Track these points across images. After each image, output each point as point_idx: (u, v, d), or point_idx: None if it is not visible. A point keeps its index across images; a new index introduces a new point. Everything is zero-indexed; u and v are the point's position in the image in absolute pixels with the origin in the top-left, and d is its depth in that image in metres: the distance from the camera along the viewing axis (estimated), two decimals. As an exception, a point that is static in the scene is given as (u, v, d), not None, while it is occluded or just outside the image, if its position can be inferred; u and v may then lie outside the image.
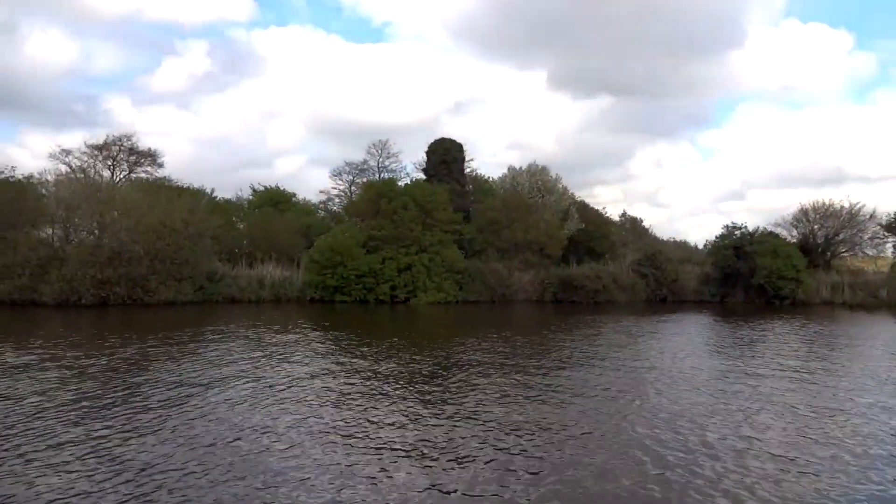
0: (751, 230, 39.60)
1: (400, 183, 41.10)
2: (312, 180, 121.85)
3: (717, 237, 40.43)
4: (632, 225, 46.14)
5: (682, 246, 47.30)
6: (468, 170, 46.31)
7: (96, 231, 31.08)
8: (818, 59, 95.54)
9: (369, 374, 12.57)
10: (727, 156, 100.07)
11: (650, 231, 46.96)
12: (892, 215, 47.32)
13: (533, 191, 43.83)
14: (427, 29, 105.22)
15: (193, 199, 36.31)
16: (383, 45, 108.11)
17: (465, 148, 44.95)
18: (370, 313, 29.35)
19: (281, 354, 15.00)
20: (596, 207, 49.32)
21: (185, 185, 41.30)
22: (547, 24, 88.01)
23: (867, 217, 42.88)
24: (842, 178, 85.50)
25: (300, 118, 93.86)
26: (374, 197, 37.20)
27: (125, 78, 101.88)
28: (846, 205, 43.18)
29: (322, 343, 17.85)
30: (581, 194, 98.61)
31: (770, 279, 37.64)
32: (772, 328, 24.02)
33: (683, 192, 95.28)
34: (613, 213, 66.48)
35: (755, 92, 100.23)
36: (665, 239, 50.14)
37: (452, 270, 35.61)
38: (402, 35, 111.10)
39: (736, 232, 39.58)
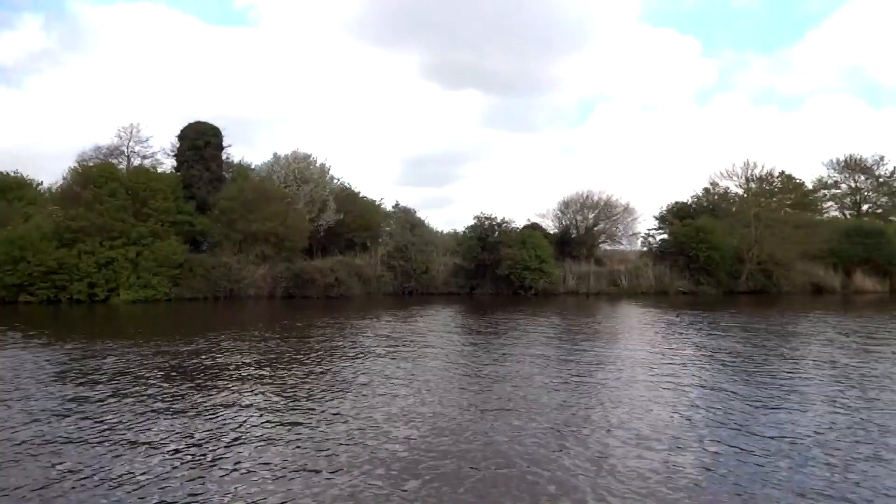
0: (499, 220, 39.11)
1: (120, 167, 37.22)
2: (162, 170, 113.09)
3: (466, 228, 39.76)
4: (404, 216, 44.74)
5: (455, 237, 46.51)
6: (227, 156, 43.12)
7: None
8: (668, 63, 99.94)
9: None
10: (585, 153, 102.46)
11: (426, 222, 45.81)
12: (664, 208, 49.37)
13: (289, 179, 41.42)
14: (293, 13, 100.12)
15: None
16: (246, 29, 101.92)
17: (222, 132, 41.73)
18: (57, 315, 25.74)
19: None
20: (372, 198, 48.04)
21: None
22: (416, 14, 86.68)
23: (621, 209, 43.92)
24: (686, 177, 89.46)
25: (152, 103, 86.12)
26: (82, 183, 33.29)
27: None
28: (604, 197, 44.10)
29: None
30: (448, 186, 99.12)
31: (515, 270, 37.38)
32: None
33: (543, 187, 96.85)
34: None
35: (611, 93, 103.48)
36: (444, 231, 49.30)
37: (168, 265, 32.40)
38: (266, 19, 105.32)
39: (486, 222, 39.00)
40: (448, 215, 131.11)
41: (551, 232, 43.77)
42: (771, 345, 17.59)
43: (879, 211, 52.32)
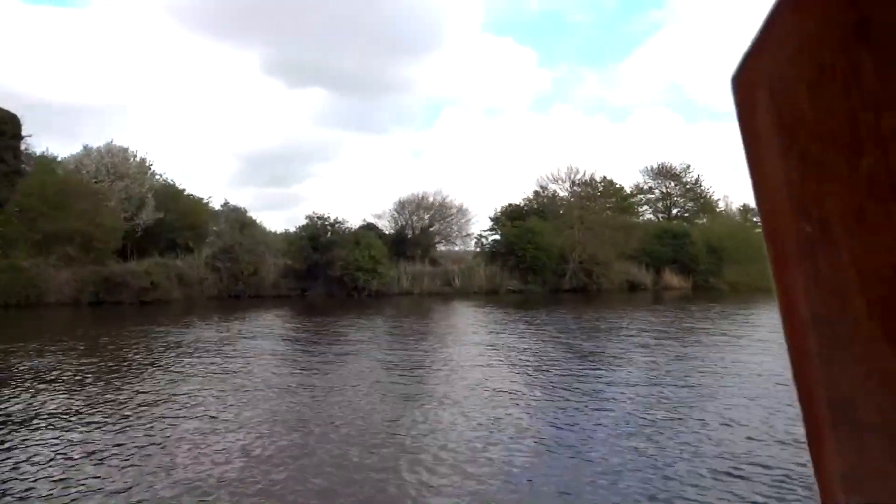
0: (332, 220, 38.30)
1: None
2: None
3: (297, 228, 38.62)
4: (233, 215, 42.53)
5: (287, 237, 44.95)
6: (26, 147, 38.62)
7: None
8: (510, 71, 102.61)
9: None
10: (433, 155, 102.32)
11: (259, 223, 43.87)
12: (497, 210, 50.81)
13: (101, 174, 37.94)
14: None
15: None
16: (70, 10, 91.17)
17: (20, 120, 37.28)
18: None
19: None
20: (200, 196, 45.36)
21: None
22: (258, 8, 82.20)
23: (456, 210, 44.72)
24: (526, 180, 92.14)
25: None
26: None
27: None
28: (439, 198, 44.65)
29: None
30: (296, 186, 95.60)
31: (348, 271, 36.73)
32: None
33: (393, 188, 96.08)
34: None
35: (457, 97, 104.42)
36: (286, 230, 47.55)
37: (-54, 269, 28.40)
38: (94, 1, 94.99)
39: (318, 222, 38.03)
40: (295, 215, 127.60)
41: (387, 232, 43.61)
42: (576, 342, 18.42)
43: (686, 215, 57.50)
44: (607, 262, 43.11)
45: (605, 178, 51.35)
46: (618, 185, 54.14)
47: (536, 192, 51.80)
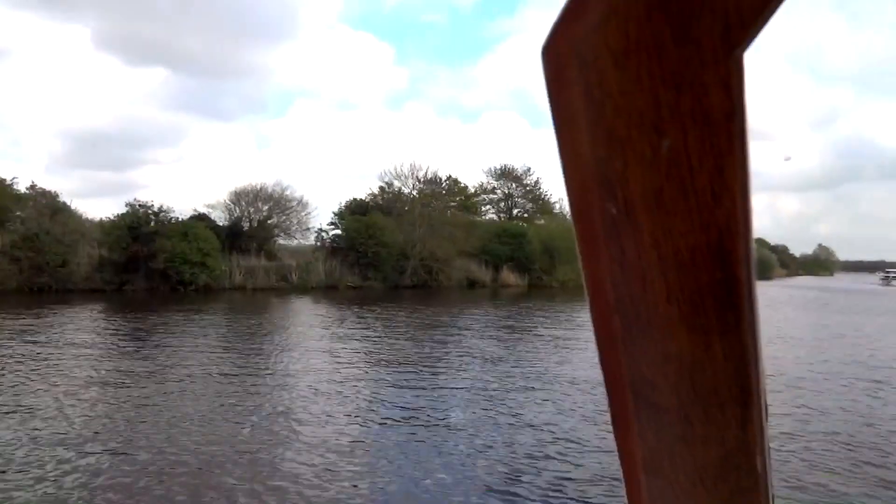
0: (156, 209, 35.53)
1: None
2: None
3: (115, 216, 35.43)
4: (46, 201, 38.12)
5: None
6: None
7: None
8: (366, 66, 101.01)
9: None
10: (282, 146, 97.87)
11: (74, 210, 39.52)
12: (342, 204, 49.65)
13: None
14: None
15: None
16: None
17: None
18: None
19: None
20: (3, 178, 40.14)
21: None
22: None
23: (296, 203, 43.23)
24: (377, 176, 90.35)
25: None
26: None
27: None
28: (278, 190, 42.91)
29: None
30: (134, 172, 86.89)
31: (172, 263, 34.18)
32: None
33: (238, 178, 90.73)
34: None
35: (311, 88, 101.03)
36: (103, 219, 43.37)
37: None
38: None
39: (140, 210, 35.11)
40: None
41: (221, 224, 41.20)
42: (398, 342, 18.20)
43: (526, 215, 59.66)
44: (448, 260, 43.65)
45: (449, 176, 52.12)
46: (462, 185, 55.12)
47: (382, 189, 51.38)
